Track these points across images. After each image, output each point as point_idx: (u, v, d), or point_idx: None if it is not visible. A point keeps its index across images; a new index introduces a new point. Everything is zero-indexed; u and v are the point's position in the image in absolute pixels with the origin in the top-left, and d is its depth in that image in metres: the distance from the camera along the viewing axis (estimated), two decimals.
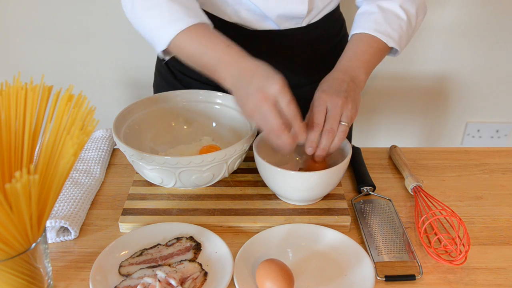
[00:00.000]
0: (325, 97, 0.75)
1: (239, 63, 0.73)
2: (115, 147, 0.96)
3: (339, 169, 0.74)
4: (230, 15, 0.90)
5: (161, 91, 0.93)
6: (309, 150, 0.75)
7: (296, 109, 0.69)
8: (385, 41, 0.85)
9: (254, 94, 0.68)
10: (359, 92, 0.79)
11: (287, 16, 0.89)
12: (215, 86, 0.83)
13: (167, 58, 0.84)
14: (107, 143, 0.94)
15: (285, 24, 0.91)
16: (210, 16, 0.93)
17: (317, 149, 0.75)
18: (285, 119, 0.68)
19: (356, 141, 1.15)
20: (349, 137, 1.17)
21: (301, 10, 0.88)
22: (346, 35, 1.06)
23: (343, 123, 0.74)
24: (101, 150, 0.91)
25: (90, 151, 0.91)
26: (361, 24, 0.87)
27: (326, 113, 0.74)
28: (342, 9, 1.05)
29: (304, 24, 0.92)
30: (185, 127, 0.93)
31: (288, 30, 0.92)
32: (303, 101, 1.00)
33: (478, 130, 1.78)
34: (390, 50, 0.89)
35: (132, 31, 1.47)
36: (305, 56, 0.98)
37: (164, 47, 0.79)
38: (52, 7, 1.46)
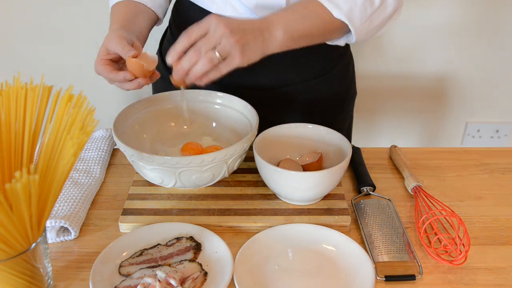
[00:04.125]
0: (216, 21, 0.65)
1: None
2: (115, 147, 0.96)
3: (339, 169, 0.74)
4: (208, 4, 0.89)
5: (160, 91, 0.93)
6: (169, 59, 0.69)
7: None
8: (328, 9, 0.76)
9: None
10: (262, 46, 0.70)
11: (264, 5, 0.85)
12: (213, 83, 0.81)
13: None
14: (107, 143, 0.94)
15: (263, 14, 0.83)
16: (188, 4, 0.92)
17: (177, 66, 0.68)
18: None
19: (356, 141, 1.14)
20: (349, 137, 1.17)
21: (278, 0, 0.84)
22: None
23: (216, 53, 0.65)
24: (101, 150, 0.91)
25: (90, 151, 0.91)
26: None
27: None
28: None
29: None
30: (185, 127, 0.93)
31: None
32: (294, 99, 0.99)
33: (478, 130, 1.78)
34: (347, 32, 0.81)
35: None
36: (292, 52, 0.95)
37: None
38: (52, 7, 1.46)
